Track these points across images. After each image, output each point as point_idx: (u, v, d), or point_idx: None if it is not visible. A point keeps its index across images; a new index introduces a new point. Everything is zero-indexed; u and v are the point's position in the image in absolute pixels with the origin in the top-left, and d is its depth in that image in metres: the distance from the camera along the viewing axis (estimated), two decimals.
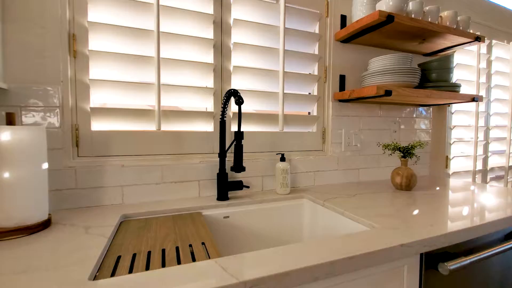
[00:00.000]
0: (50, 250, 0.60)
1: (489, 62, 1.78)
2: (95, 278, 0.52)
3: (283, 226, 1.07)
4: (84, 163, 0.91)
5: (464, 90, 1.68)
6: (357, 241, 0.64)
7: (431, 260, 0.71)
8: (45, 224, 0.73)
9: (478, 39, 1.32)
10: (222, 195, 1.02)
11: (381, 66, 1.20)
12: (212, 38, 1.06)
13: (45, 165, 0.73)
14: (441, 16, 1.31)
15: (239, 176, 1.12)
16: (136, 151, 0.99)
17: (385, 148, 1.23)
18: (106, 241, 0.65)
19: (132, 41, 0.95)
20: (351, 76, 1.36)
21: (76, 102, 0.91)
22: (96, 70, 0.93)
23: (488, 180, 1.82)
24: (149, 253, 0.63)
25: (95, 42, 0.92)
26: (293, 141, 1.26)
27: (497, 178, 1.93)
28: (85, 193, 0.91)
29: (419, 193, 1.15)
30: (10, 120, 0.70)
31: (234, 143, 0.94)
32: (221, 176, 1.01)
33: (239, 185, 1.06)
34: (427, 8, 1.25)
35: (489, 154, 1.81)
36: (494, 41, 1.80)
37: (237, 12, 1.11)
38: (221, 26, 1.09)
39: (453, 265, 0.67)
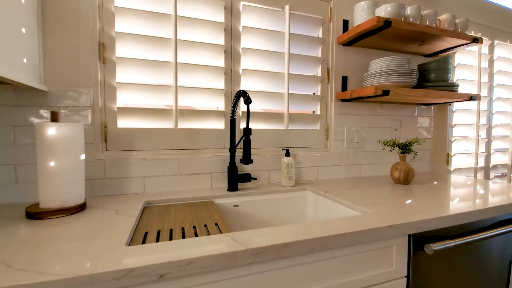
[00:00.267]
0: (90, 225, 0.72)
1: (491, 62, 1.82)
2: (129, 245, 0.63)
3: (287, 215, 1.17)
4: (111, 156, 1.03)
5: (465, 89, 1.73)
6: (349, 223, 0.74)
7: (419, 241, 0.79)
8: (82, 207, 0.85)
9: (476, 40, 1.38)
10: (232, 186, 1.12)
11: (380, 68, 1.28)
12: (223, 44, 1.17)
13: (83, 157, 0.85)
14: (439, 19, 1.38)
15: (248, 169, 1.22)
16: (156, 146, 1.11)
17: (385, 145, 1.31)
18: (134, 221, 0.76)
19: (152, 48, 1.08)
20: (353, 77, 1.44)
21: (104, 103, 1.04)
22: (122, 74, 1.05)
23: (491, 177, 1.86)
24: (170, 230, 0.75)
25: (121, 49, 1.05)
26: (298, 138, 1.35)
27: (502, 176, 1.97)
28: (112, 183, 1.04)
29: (416, 186, 1.22)
30: (54, 118, 0.82)
31: (243, 138, 1.05)
32: (231, 169, 1.12)
33: (247, 178, 1.16)
34: (425, 12, 1.32)
35: (492, 151, 1.85)
36: (496, 41, 1.84)
37: (245, 20, 1.22)
38: (231, 33, 1.19)
39: (437, 246, 0.76)
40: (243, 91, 1.01)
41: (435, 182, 1.31)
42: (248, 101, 0.97)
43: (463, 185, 1.24)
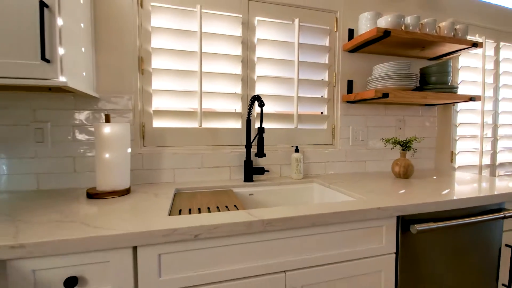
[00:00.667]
0: (138, 203, 0.92)
1: (496, 63, 1.88)
2: (169, 215, 0.82)
3: (296, 202, 1.33)
4: (148, 151, 1.24)
5: (469, 90, 1.81)
6: (344, 205, 0.89)
7: (405, 223, 0.93)
8: (128, 191, 1.06)
9: (475, 45, 1.47)
10: (248, 178, 1.30)
11: (382, 72, 1.41)
12: (240, 54, 1.35)
13: (129, 150, 1.06)
14: (439, 26, 1.48)
15: (261, 163, 1.40)
16: (184, 142, 1.31)
17: (387, 142, 1.43)
18: (170, 202, 0.96)
19: (181, 60, 1.27)
20: (359, 81, 1.58)
21: (142, 106, 1.25)
22: (156, 82, 1.26)
23: (497, 174, 1.92)
24: (199, 208, 0.93)
25: (156, 61, 1.25)
26: (307, 136, 1.51)
27: (511, 175, 2.01)
28: (149, 173, 1.24)
29: (415, 180, 1.34)
30: (108, 119, 1.03)
31: (257, 136, 1.22)
32: (247, 163, 1.30)
33: (261, 170, 1.34)
34: (425, 20, 1.44)
35: (498, 150, 1.91)
36: (502, 43, 1.90)
37: (260, 33, 1.39)
38: (248, 44, 1.37)
39: (421, 227, 0.89)
40: (257, 95, 1.19)
41: (434, 177, 1.42)
42: (261, 104, 1.14)
43: (458, 179, 1.35)
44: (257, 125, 1.42)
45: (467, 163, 1.82)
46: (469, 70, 1.79)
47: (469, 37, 1.80)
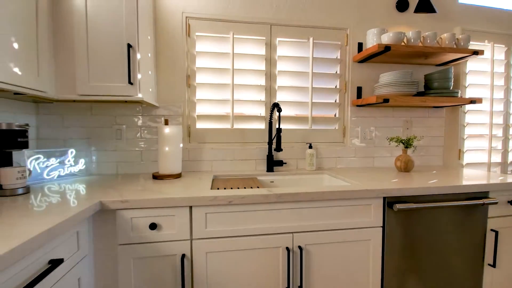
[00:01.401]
0: (188, 183, 1.29)
1: (507, 66, 1.97)
2: (211, 189, 1.17)
3: None
4: (192, 146, 1.62)
5: (478, 93, 1.93)
6: (339, 187, 1.17)
7: (390, 203, 1.18)
8: (180, 175, 1.44)
9: (475, 53, 1.63)
10: (270, 168, 1.62)
11: (387, 80, 1.64)
12: (264, 69, 1.68)
13: (181, 145, 1.44)
14: (441, 38, 1.67)
15: (281, 157, 1.71)
16: (219, 140, 1.67)
17: (390, 141, 1.65)
18: (210, 182, 1.31)
19: (217, 75, 1.63)
20: (367, 87, 1.81)
21: (189, 112, 1.63)
22: (199, 94, 1.63)
23: (509, 171, 2.01)
24: (231, 188, 1.28)
25: (199, 78, 1.62)
26: (320, 135, 1.79)
27: None
28: (193, 163, 1.62)
29: (414, 173, 1.56)
30: (166, 122, 1.42)
31: (276, 135, 1.53)
32: (269, 156, 1.62)
33: (280, 163, 1.65)
34: (426, 33, 1.63)
35: (510, 148, 2.00)
36: None
37: (280, 51, 1.70)
38: (270, 61, 1.69)
39: (401, 206, 1.14)
40: (277, 103, 1.50)
41: (434, 172, 1.62)
42: (279, 110, 1.46)
43: (455, 173, 1.53)
44: (277, 126, 1.73)
45: (476, 161, 1.94)
46: (478, 74, 1.92)
47: (477, 43, 1.93)
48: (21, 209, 0.85)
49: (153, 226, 1.01)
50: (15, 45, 0.98)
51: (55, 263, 0.73)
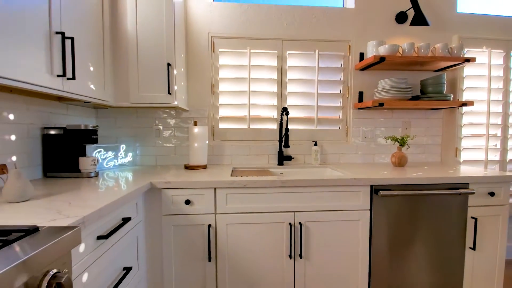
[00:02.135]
0: (213, 172, 1.62)
1: (506, 70, 2.10)
2: (231, 176, 1.49)
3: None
4: (216, 143, 1.96)
5: (475, 96, 2.09)
6: (332, 176, 1.44)
7: (376, 190, 1.43)
8: (206, 167, 1.78)
9: (467, 60, 1.81)
10: (280, 162, 1.92)
11: (384, 86, 1.87)
12: (276, 78, 1.97)
13: (207, 142, 1.78)
14: (435, 47, 1.86)
15: (289, 153, 1.99)
16: (238, 138, 1.99)
17: (387, 139, 1.88)
18: (230, 172, 1.63)
19: (236, 84, 1.95)
20: (368, 91, 2.04)
21: (213, 115, 1.97)
22: (221, 99, 1.96)
23: (507, 170, 2.14)
24: (247, 176, 1.59)
25: (221, 86, 1.95)
26: (325, 134, 2.05)
27: None
28: (216, 157, 1.96)
29: (407, 168, 1.77)
30: (195, 124, 1.77)
31: (285, 134, 1.82)
32: (280, 152, 1.91)
33: (289, 158, 1.94)
34: (420, 44, 1.84)
35: (508, 147, 2.13)
36: None
37: (290, 62, 1.99)
38: (281, 71, 1.98)
39: (384, 193, 1.39)
40: (285, 107, 1.79)
41: (426, 167, 1.82)
42: (287, 113, 1.75)
43: (444, 168, 1.73)
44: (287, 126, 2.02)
45: (473, 159, 2.10)
46: (476, 78, 2.08)
47: (475, 50, 2.08)
48: (98, 186, 1.22)
49: (187, 202, 1.35)
50: (91, 68, 1.36)
51: (125, 220, 1.08)
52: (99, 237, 0.90)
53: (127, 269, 1.10)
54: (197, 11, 1.91)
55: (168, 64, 1.56)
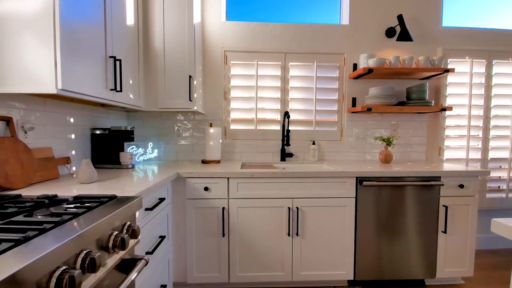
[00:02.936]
0: (226, 166, 1.95)
1: (488, 77, 2.35)
2: (241, 168, 1.81)
3: None
4: (227, 142, 2.29)
5: (458, 101, 2.34)
6: (323, 170, 1.75)
7: (361, 181, 1.73)
8: (219, 161, 2.11)
9: (446, 71, 2.08)
10: (282, 158, 2.23)
11: (373, 93, 2.16)
12: (279, 86, 2.29)
13: (220, 141, 2.11)
14: (418, 59, 2.14)
15: (291, 151, 2.31)
16: (247, 137, 2.31)
17: (375, 139, 2.16)
18: (240, 166, 1.96)
19: (245, 91, 2.27)
20: (360, 98, 2.33)
21: (225, 117, 2.30)
22: (232, 104, 2.29)
23: (488, 167, 2.38)
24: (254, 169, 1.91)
25: (233, 93, 2.28)
26: (322, 134, 2.35)
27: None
28: (227, 154, 2.29)
29: (392, 164, 2.06)
30: (211, 125, 2.10)
31: (286, 134, 2.13)
32: (282, 150, 2.23)
33: (290, 155, 2.25)
34: (405, 57, 2.12)
35: (490, 147, 2.38)
36: (494, 61, 2.35)
37: (292, 72, 2.30)
38: (284, 80, 2.29)
39: (366, 183, 1.69)
40: (287, 111, 2.10)
41: (409, 163, 2.10)
42: (288, 117, 2.06)
43: (422, 165, 2.01)
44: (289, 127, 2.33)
45: (456, 157, 2.36)
46: (459, 85, 2.33)
47: (458, 60, 2.34)
48: (137, 175, 1.57)
49: (206, 189, 1.68)
50: (131, 81, 1.71)
51: (161, 200, 1.42)
52: (146, 209, 1.24)
53: (162, 237, 1.44)
54: (212, 29, 2.24)
55: (190, 76, 1.90)
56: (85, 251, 0.67)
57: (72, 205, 0.87)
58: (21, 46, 1.06)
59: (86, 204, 0.88)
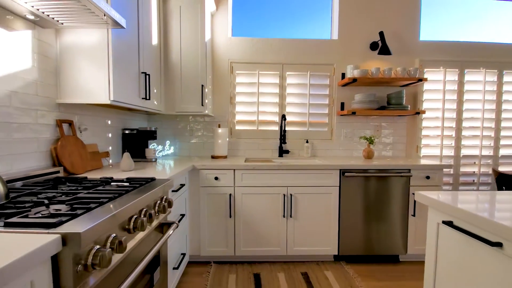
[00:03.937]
0: (231, 160, 2.33)
1: (461, 84, 2.69)
2: (245, 162, 2.18)
3: None
4: (233, 140, 2.67)
5: (434, 105, 2.69)
6: (312, 163, 2.12)
7: (343, 172, 2.10)
8: (226, 157, 2.48)
9: (420, 80, 2.44)
10: (280, 155, 2.61)
11: (357, 99, 2.52)
12: (278, 92, 2.66)
13: (227, 139, 2.49)
14: (396, 70, 2.50)
15: (287, 148, 2.68)
16: (249, 136, 2.69)
17: (360, 138, 2.52)
18: (244, 160, 2.33)
19: (248, 97, 2.65)
20: (348, 102, 2.70)
21: (231, 119, 2.67)
22: (237, 108, 2.66)
23: (463, 163, 2.73)
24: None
25: (238, 98, 2.65)
26: (314, 134, 2.72)
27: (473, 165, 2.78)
28: (233, 151, 2.67)
29: (374, 159, 2.42)
30: (219, 126, 2.48)
31: (283, 134, 2.50)
32: (280, 147, 2.60)
33: (287, 152, 2.63)
34: (384, 68, 2.48)
35: (461, 145, 2.72)
36: (466, 70, 2.69)
37: (288, 80, 2.66)
38: (282, 87, 2.66)
39: (348, 174, 2.05)
40: (284, 114, 2.48)
41: (388, 159, 2.47)
42: (285, 119, 2.43)
43: (398, 161, 2.37)
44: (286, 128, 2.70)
45: (431, 154, 2.72)
46: (434, 92, 2.69)
47: (433, 69, 2.69)
48: (162, 167, 1.95)
49: (216, 178, 2.06)
50: (155, 90, 2.09)
51: (182, 185, 1.81)
52: (173, 191, 1.62)
53: (182, 216, 1.82)
54: (220, 43, 2.62)
55: (202, 85, 2.28)
56: (144, 209, 1.05)
57: (126, 183, 1.25)
58: (81, 68, 1.45)
59: (135, 184, 1.26)
